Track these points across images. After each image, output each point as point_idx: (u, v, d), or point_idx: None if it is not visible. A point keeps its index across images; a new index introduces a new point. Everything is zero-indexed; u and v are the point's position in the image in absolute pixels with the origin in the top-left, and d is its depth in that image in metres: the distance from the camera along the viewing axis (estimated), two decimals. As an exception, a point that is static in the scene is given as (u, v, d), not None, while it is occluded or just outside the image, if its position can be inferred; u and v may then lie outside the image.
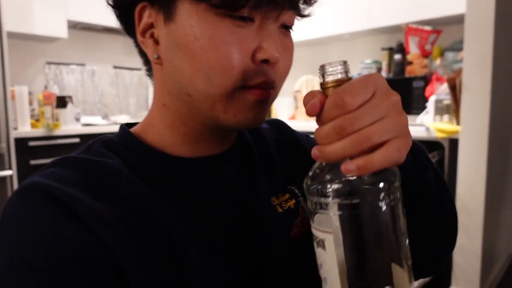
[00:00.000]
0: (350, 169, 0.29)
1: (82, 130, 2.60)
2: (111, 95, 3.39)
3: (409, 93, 2.24)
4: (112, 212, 0.38)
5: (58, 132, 2.46)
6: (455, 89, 1.82)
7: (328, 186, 0.31)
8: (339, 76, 0.31)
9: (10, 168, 2.13)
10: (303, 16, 0.44)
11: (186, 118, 0.45)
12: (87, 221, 0.36)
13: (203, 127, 0.45)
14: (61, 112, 2.59)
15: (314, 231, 0.33)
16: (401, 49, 2.45)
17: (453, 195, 1.86)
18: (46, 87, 2.96)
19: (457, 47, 2.18)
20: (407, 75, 2.36)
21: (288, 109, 3.14)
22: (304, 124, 2.60)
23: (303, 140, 0.59)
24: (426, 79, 2.22)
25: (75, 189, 0.38)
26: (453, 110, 1.86)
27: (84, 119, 2.87)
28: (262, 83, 0.41)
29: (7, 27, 2.19)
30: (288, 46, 0.44)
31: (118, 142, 0.46)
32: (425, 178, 0.47)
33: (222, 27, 0.39)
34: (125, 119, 3.10)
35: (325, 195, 0.31)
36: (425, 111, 2.05)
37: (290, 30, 0.44)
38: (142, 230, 0.39)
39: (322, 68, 0.32)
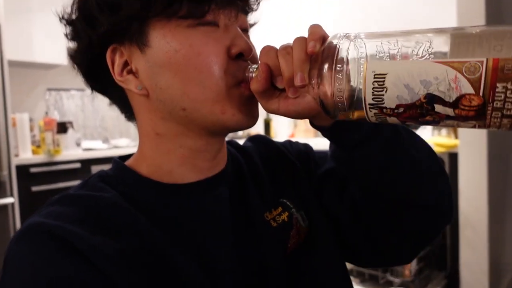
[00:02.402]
0: (312, 45, 0.37)
1: (83, 155, 2.61)
2: (111, 119, 3.41)
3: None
4: (113, 246, 0.39)
5: (59, 157, 2.47)
6: (452, 104, 1.84)
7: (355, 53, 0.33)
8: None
9: (11, 195, 2.13)
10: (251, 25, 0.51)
11: (183, 137, 0.46)
12: (89, 257, 0.37)
13: (200, 142, 0.46)
14: (62, 137, 2.61)
15: (382, 107, 0.32)
16: (397, 65, 2.48)
17: (455, 206, 1.83)
18: (47, 113, 2.98)
19: (452, 62, 2.21)
20: (404, 90, 2.38)
21: (288, 127, 3.16)
22: (303, 141, 2.60)
23: (287, 150, 0.60)
24: (423, 94, 2.24)
25: (75, 226, 0.39)
26: (451, 124, 1.87)
27: (85, 144, 2.88)
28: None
29: (8, 55, 2.22)
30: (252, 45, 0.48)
31: (113, 176, 0.47)
32: (395, 126, 0.46)
33: (196, 34, 0.43)
34: (125, 142, 3.11)
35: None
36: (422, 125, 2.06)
37: (248, 34, 0.49)
38: (143, 260, 0.40)
39: (246, 73, 0.43)
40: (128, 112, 0.51)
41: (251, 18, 0.49)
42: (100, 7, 0.43)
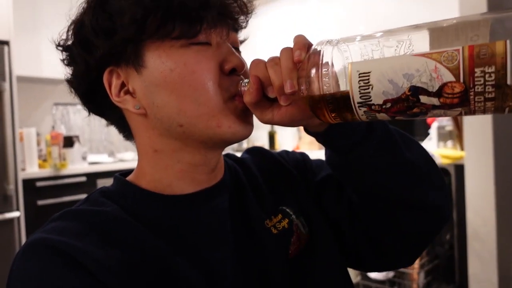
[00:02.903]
0: (298, 54, 0.38)
1: (89, 169, 2.62)
2: (117, 133, 3.41)
3: (411, 120, 2.25)
4: (116, 259, 0.39)
5: (65, 171, 2.48)
6: (456, 115, 1.84)
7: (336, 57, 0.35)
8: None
9: (17, 209, 2.14)
10: (241, 41, 0.52)
11: (181, 152, 0.47)
12: (93, 271, 0.37)
13: (198, 156, 0.47)
14: (68, 151, 2.63)
15: (371, 104, 0.33)
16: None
17: (462, 218, 1.80)
18: (53, 127, 3.01)
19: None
20: (408, 102, 2.38)
21: (292, 140, 3.16)
22: (308, 154, 2.60)
23: (284, 160, 0.61)
24: (427, 106, 2.24)
25: (78, 240, 0.39)
26: (456, 135, 1.87)
27: (91, 158, 2.90)
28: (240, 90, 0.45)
29: (17, 71, 2.26)
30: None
31: (114, 191, 0.49)
32: (388, 129, 0.48)
33: (190, 53, 0.44)
34: (131, 156, 3.13)
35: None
36: (428, 137, 2.06)
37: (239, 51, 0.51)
38: (145, 272, 0.41)
39: (239, 88, 0.45)
40: (126, 132, 0.52)
41: (241, 35, 0.51)
42: (96, 32, 0.44)
